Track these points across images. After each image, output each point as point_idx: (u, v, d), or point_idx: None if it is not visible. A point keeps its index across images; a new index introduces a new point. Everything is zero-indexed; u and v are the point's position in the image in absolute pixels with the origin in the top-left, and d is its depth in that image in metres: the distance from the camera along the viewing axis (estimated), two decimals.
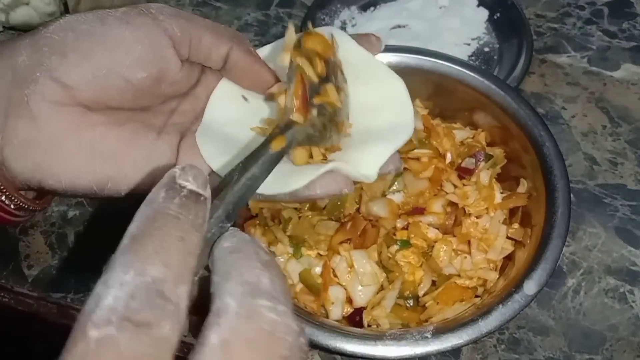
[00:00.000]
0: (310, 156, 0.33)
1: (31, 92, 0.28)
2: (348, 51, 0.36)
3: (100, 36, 0.29)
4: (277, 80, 0.36)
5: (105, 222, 0.58)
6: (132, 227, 0.19)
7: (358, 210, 0.48)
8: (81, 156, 0.30)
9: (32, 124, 0.28)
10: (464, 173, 0.49)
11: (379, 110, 0.36)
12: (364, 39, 0.37)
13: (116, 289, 0.17)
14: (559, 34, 0.68)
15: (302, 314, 0.42)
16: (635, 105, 0.62)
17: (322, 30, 0.35)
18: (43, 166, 0.29)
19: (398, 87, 0.36)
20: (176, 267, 0.18)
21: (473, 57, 0.65)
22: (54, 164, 0.29)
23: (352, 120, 0.35)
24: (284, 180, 0.31)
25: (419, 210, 0.47)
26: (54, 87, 0.28)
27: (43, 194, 0.35)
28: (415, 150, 0.48)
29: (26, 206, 0.33)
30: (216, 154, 0.34)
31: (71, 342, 0.16)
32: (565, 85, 0.64)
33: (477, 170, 0.49)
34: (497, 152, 0.50)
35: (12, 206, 0.32)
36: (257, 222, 0.49)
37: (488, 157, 0.50)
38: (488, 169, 0.49)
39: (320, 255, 0.47)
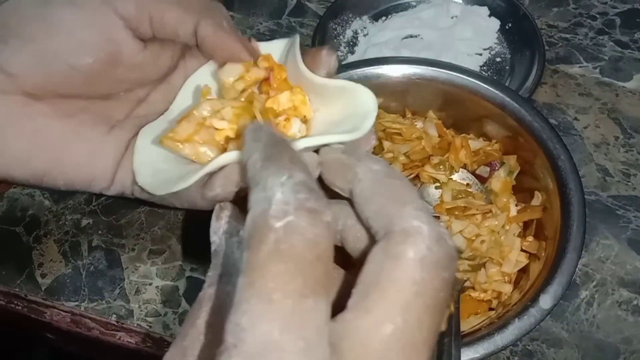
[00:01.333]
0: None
1: None
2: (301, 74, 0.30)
3: (43, 19, 0.27)
4: (255, 56, 0.31)
5: (119, 230, 0.58)
6: (257, 156, 0.20)
7: None
8: (19, 147, 0.29)
9: None
10: (478, 180, 0.50)
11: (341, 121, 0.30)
12: (315, 55, 0.31)
13: (279, 189, 0.18)
14: (570, 44, 0.68)
15: None
16: None
17: (272, 47, 0.32)
18: None
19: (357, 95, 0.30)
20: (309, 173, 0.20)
21: (485, 67, 0.65)
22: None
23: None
24: (173, 180, 0.28)
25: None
26: None
27: None
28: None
29: None
30: (149, 170, 0.30)
31: (257, 237, 0.17)
32: (577, 96, 0.64)
33: (490, 178, 0.49)
34: (512, 160, 0.50)
35: None
36: None
37: (502, 165, 0.50)
38: (502, 175, 0.49)
39: None
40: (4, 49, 0.27)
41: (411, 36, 0.68)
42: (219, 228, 0.24)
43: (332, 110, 0.29)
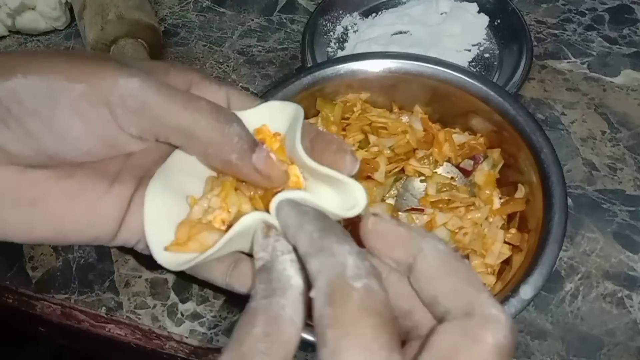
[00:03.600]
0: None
1: None
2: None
3: (48, 121, 0.27)
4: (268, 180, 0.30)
5: None
6: (311, 227, 0.24)
7: (358, 215, 0.48)
8: (19, 218, 0.28)
9: None
10: (462, 173, 0.50)
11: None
12: (337, 157, 0.30)
13: (349, 256, 0.22)
14: (559, 40, 0.69)
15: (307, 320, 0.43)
16: (635, 111, 0.62)
17: (274, 109, 0.32)
18: None
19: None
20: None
21: (473, 63, 0.66)
22: None
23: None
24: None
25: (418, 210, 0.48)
26: None
27: None
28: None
29: None
30: (163, 242, 0.30)
31: (340, 295, 0.21)
32: (565, 91, 0.64)
33: (474, 172, 0.50)
34: (496, 153, 0.51)
35: None
36: None
37: (486, 159, 0.51)
38: (486, 169, 0.50)
39: None
40: (5, 131, 0.26)
41: (400, 32, 0.68)
42: (267, 245, 0.25)
43: (320, 189, 0.30)
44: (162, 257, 0.29)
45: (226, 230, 0.29)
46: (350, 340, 0.20)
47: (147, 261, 0.55)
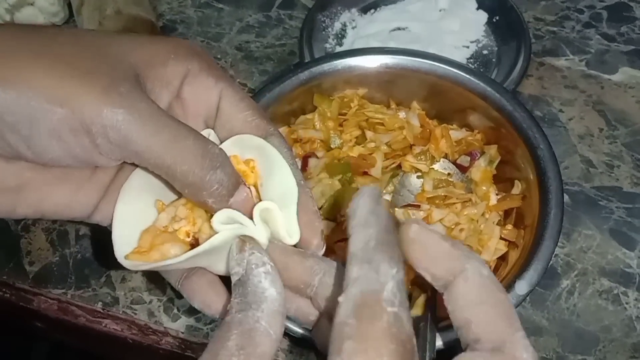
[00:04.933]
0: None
1: None
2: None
3: (26, 138, 0.26)
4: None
5: None
6: (372, 234, 0.23)
7: None
8: (2, 200, 0.28)
9: None
10: (459, 169, 0.50)
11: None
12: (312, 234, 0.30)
13: (391, 279, 0.22)
14: (557, 37, 0.69)
15: None
16: (632, 109, 0.62)
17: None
18: None
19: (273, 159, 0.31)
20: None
21: (472, 60, 0.66)
22: None
23: None
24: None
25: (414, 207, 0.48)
26: None
27: None
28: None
29: None
30: (128, 242, 0.30)
31: (369, 311, 0.21)
32: (563, 88, 0.64)
33: (471, 168, 0.50)
34: (492, 150, 0.51)
35: None
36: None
37: (482, 155, 0.51)
38: (482, 165, 0.50)
39: None
40: None
41: (399, 29, 0.68)
42: (242, 259, 0.25)
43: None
44: (123, 260, 0.30)
45: (190, 244, 0.29)
46: (364, 357, 0.20)
47: None
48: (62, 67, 0.25)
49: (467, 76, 0.51)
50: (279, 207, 0.28)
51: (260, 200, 0.30)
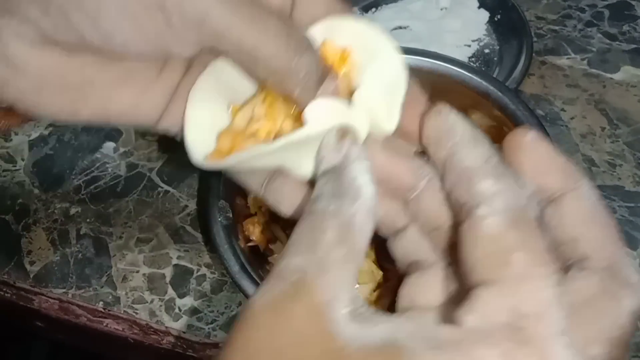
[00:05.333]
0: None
1: (3, 26, 0.23)
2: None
3: (94, 17, 0.23)
4: None
5: (107, 219, 0.58)
6: (492, 153, 0.23)
7: None
8: (65, 101, 0.26)
9: (6, 65, 0.24)
10: None
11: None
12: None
13: (533, 195, 0.21)
14: (559, 35, 0.69)
15: None
16: (634, 108, 0.62)
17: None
18: (19, 104, 0.26)
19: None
20: None
21: (473, 59, 0.66)
22: (33, 104, 0.26)
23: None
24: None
25: None
26: (32, 29, 0.23)
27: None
28: None
29: None
30: (203, 142, 0.28)
31: (528, 227, 0.20)
32: (564, 87, 0.64)
33: None
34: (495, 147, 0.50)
35: None
36: (256, 220, 0.49)
37: None
38: None
39: None
40: (45, 18, 0.23)
41: (400, 28, 0.68)
42: (340, 148, 0.23)
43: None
44: (203, 162, 0.27)
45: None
46: (543, 272, 0.19)
47: (145, 258, 0.55)
48: None
49: (469, 75, 0.51)
50: (383, 97, 0.25)
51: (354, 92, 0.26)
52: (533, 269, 0.19)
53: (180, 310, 0.52)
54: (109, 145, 0.63)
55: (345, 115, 0.24)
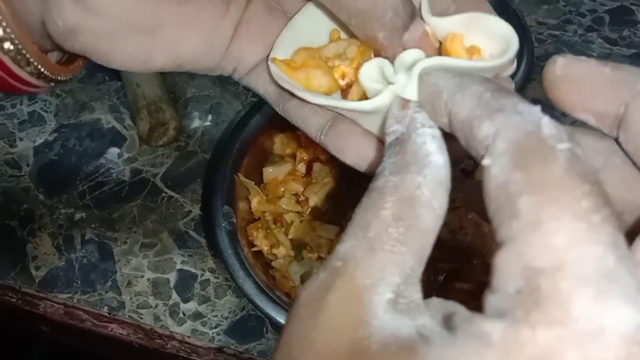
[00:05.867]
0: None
1: None
2: None
3: None
4: None
5: (111, 224, 0.59)
6: (479, 88, 0.19)
7: None
8: (138, 46, 0.26)
9: (81, 8, 0.24)
10: (463, 174, 0.50)
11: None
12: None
13: (541, 115, 0.17)
14: (560, 41, 0.69)
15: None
16: None
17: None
18: (92, 51, 0.25)
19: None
20: None
21: None
22: (106, 50, 0.25)
23: None
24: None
25: None
26: None
27: (70, 59, 0.29)
28: None
29: (50, 75, 0.26)
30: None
31: (538, 155, 0.15)
32: None
33: (475, 172, 0.50)
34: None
35: (28, 75, 0.26)
36: (260, 225, 0.50)
37: None
38: None
39: (321, 258, 0.48)
40: None
41: None
42: (404, 117, 0.21)
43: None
44: (270, 62, 0.27)
45: (340, 87, 0.26)
46: (561, 207, 0.14)
47: (149, 263, 0.56)
48: None
49: None
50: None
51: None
52: (545, 210, 0.15)
53: (184, 314, 0.53)
54: (113, 151, 0.64)
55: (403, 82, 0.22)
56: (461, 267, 0.46)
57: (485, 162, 0.17)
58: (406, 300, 0.16)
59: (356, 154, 0.25)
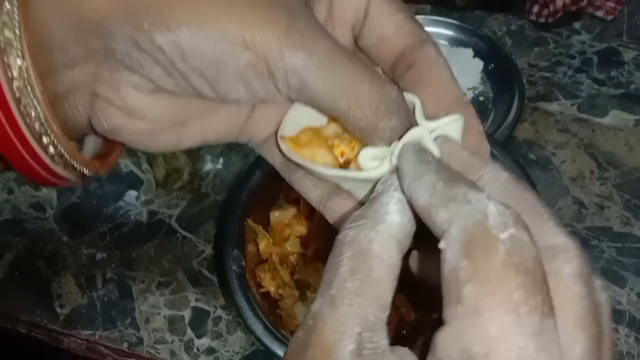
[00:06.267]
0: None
1: (123, 80, 0.25)
2: None
3: (212, 82, 0.26)
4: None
5: (130, 264, 0.63)
6: (433, 177, 0.21)
7: None
8: (170, 136, 0.28)
9: (124, 114, 0.26)
10: None
11: None
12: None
13: (487, 203, 0.19)
14: (550, 82, 0.73)
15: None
16: (622, 151, 0.66)
17: None
18: (132, 143, 0.28)
19: None
20: None
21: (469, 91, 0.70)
22: (145, 143, 0.28)
23: None
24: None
25: None
26: (150, 83, 0.25)
27: (104, 155, 0.31)
28: None
29: (87, 174, 0.28)
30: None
31: (482, 247, 0.18)
32: (555, 131, 0.68)
33: None
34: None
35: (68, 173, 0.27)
36: (267, 267, 0.54)
37: None
38: None
39: None
40: (167, 79, 0.25)
41: None
42: (387, 179, 0.24)
43: None
44: (279, 139, 0.30)
45: (340, 164, 0.29)
46: (496, 300, 0.17)
47: (166, 300, 0.60)
48: (239, 3, 0.24)
49: None
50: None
51: None
52: (483, 301, 0.17)
53: (198, 350, 0.57)
54: (132, 194, 0.68)
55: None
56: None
57: (441, 245, 0.19)
58: (372, 347, 0.19)
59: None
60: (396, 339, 0.20)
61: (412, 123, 0.27)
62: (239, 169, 0.69)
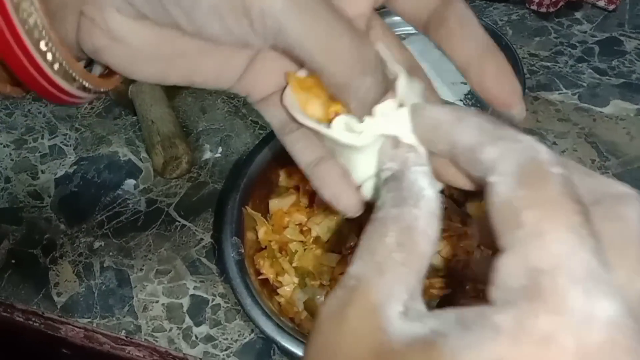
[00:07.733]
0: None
1: (106, 2, 0.25)
2: None
3: (187, 12, 0.25)
4: None
5: (128, 252, 0.63)
6: (483, 120, 0.22)
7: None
8: (155, 69, 0.28)
9: (107, 36, 0.26)
10: (455, 204, 0.54)
11: None
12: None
13: (538, 144, 0.20)
14: (551, 72, 0.72)
15: (306, 340, 0.46)
16: (623, 140, 0.65)
17: None
18: (116, 66, 0.28)
19: None
20: None
21: (469, 96, 0.70)
22: (127, 71, 0.28)
23: None
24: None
25: None
26: (131, 8, 0.25)
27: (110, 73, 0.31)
28: None
29: (93, 89, 0.29)
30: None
31: (537, 179, 0.18)
32: (556, 121, 0.68)
33: (467, 203, 0.54)
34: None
35: (76, 89, 0.28)
36: (266, 254, 0.53)
37: None
38: (478, 201, 0.54)
39: (324, 285, 0.51)
40: (145, 5, 0.25)
41: None
42: (397, 155, 0.24)
43: None
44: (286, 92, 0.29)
45: (329, 118, 0.28)
46: (557, 221, 0.18)
47: (164, 289, 0.59)
48: None
49: None
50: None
51: None
52: (544, 223, 0.18)
53: (196, 337, 0.56)
54: (130, 182, 0.68)
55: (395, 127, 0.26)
56: (454, 293, 0.50)
57: (493, 179, 0.19)
58: (415, 311, 0.19)
59: (331, 193, 0.29)
60: None
61: (387, 88, 0.27)
62: (238, 157, 0.69)
